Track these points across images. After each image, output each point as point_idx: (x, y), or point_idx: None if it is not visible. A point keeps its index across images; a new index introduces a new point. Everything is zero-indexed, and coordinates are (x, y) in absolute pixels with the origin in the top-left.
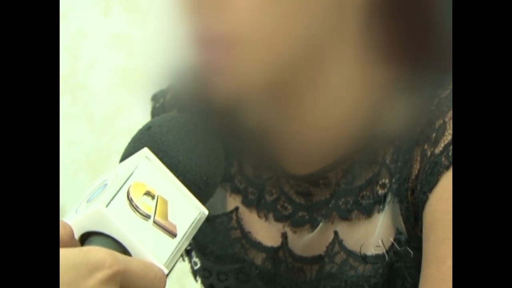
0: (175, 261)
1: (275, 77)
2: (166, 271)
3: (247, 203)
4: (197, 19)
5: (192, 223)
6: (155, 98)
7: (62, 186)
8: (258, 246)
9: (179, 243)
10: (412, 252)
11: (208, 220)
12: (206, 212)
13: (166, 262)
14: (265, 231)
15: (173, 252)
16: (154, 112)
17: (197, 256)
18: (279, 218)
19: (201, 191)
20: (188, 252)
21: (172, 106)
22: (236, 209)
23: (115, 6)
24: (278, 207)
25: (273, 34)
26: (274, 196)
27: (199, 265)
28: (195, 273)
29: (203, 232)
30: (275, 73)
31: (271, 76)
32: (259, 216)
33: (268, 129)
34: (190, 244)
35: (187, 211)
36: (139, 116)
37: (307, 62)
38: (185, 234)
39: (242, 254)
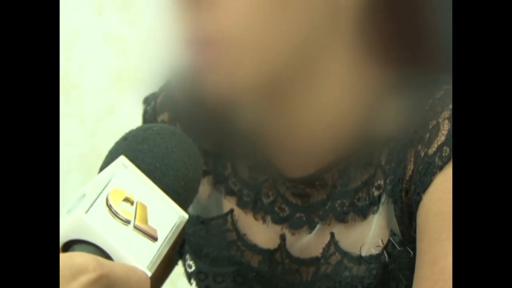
0: (157, 264)
1: (267, 77)
2: (149, 274)
3: (242, 204)
4: (189, 18)
5: (173, 227)
6: (146, 101)
7: None
8: (254, 248)
9: (160, 246)
10: (406, 254)
11: (203, 222)
12: (186, 216)
13: (149, 265)
14: (262, 233)
15: (154, 256)
16: (146, 115)
17: (192, 259)
18: (277, 220)
19: (179, 196)
20: (181, 255)
21: (163, 109)
22: (231, 211)
23: (108, 5)
24: (276, 209)
25: (265, 34)
26: (271, 198)
27: (193, 267)
28: (189, 275)
29: (198, 234)
30: (267, 73)
31: (263, 76)
32: (256, 219)
33: (262, 131)
34: (183, 247)
35: (167, 215)
36: (132, 116)
37: (301, 63)
38: (166, 238)
39: (238, 257)
